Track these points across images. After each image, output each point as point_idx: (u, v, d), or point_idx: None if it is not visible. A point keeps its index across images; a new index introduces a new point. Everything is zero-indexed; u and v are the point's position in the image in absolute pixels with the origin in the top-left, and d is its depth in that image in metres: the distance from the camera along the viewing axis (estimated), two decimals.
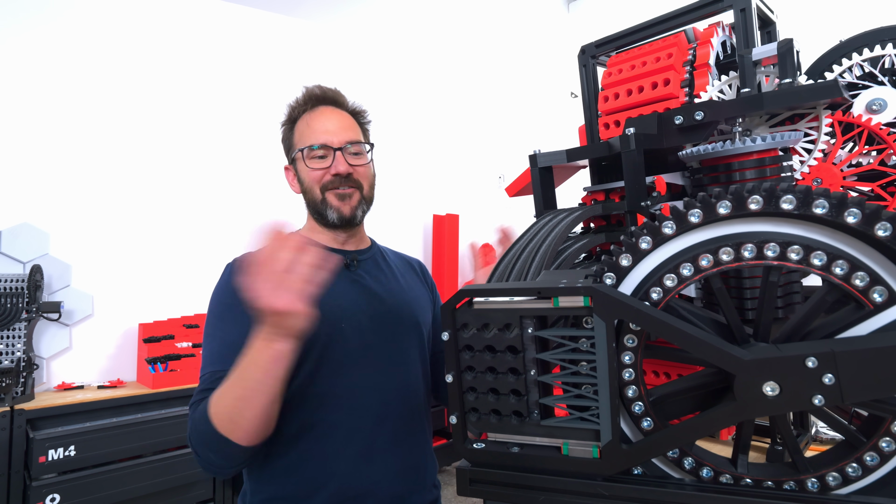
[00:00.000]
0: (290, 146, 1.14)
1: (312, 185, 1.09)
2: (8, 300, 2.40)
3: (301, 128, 1.12)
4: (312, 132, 1.10)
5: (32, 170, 2.69)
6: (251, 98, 3.35)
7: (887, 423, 0.51)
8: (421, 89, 4.23)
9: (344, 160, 1.08)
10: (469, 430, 0.62)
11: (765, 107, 0.69)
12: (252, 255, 0.80)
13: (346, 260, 1.11)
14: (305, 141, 1.09)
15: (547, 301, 0.56)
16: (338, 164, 1.07)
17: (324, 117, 1.12)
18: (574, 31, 5.04)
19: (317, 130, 1.10)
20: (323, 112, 1.13)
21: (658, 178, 0.84)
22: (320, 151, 1.08)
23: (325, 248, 1.10)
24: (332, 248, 1.12)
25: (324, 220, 1.10)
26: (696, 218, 0.55)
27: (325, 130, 1.09)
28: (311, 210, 1.13)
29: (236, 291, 0.96)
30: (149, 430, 2.36)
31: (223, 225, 3.20)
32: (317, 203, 1.10)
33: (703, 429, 0.54)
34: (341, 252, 1.12)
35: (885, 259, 0.50)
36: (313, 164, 1.08)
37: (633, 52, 0.93)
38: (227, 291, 1.02)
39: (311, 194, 1.10)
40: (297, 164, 1.12)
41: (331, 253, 1.01)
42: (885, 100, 0.76)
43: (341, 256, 1.10)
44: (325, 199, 1.09)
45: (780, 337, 0.54)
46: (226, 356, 0.94)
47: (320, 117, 1.12)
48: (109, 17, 2.95)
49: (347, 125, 1.12)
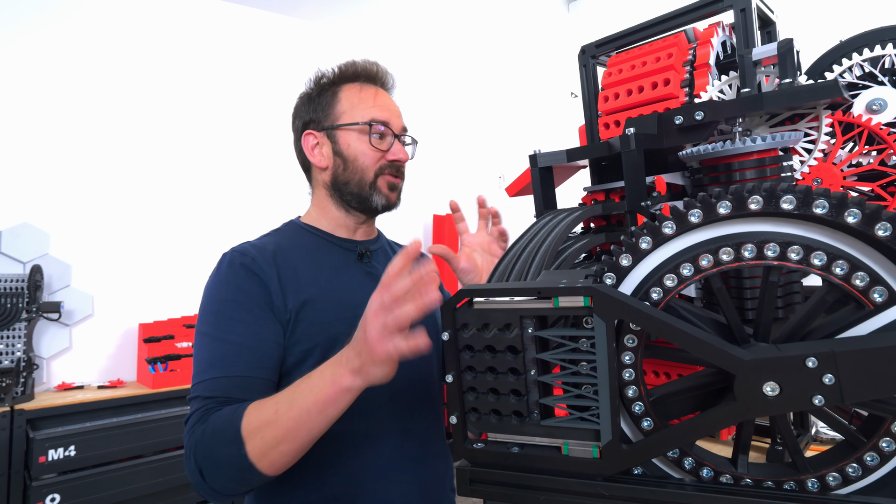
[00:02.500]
0: (331, 111, 1.02)
1: (368, 165, 0.99)
2: (8, 300, 2.40)
3: (354, 97, 1.02)
4: (376, 107, 1.00)
5: (32, 170, 2.69)
6: (252, 98, 3.35)
7: (887, 423, 0.51)
8: (421, 89, 4.23)
9: (403, 147, 1.02)
10: (469, 430, 0.62)
11: (765, 107, 0.69)
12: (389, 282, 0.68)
13: (359, 250, 1.05)
14: (366, 114, 1.00)
15: (547, 301, 0.56)
16: (398, 151, 1.01)
17: (385, 97, 1.04)
18: (574, 31, 5.04)
19: (381, 107, 1.01)
20: (383, 93, 1.05)
21: (658, 178, 0.84)
22: (383, 131, 0.99)
23: (330, 237, 1.04)
24: (343, 237, 1.06)
25: (362, 204, 1.01)
26: (696, 218, 0.55)
27: (388, 108, 1.01)
28: (343, 189, 1.01)
29: (240, 286, 0.89)
30: (149, 430, 2.36)
31: (223, 225, 3.20)
32: (364, 185, 1.00)
33: (704, 429, 0.54)
34: (348, 241, 1.06)
35: (885, 259, 0.50)
36: (377, 143, 0.99)
37: (633, 52, 0.93)
38: (228, 286, 0.91)
39: (358, 174, 1.00)
40: (339, 135, 1.01)
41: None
42: (886, 100, 0.76)
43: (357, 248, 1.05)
44: (377, 185, 1.00)
45: (780, 337, 0.54)
46: (229, 360, 0.84)
47: (383, 96, 1.04)
48: (110, 17, 2.95)
49: (400, 112, 1.06)
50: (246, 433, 0.74)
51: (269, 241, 0.99)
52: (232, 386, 0.84)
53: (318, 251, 1.01)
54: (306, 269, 0.96)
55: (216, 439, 0.77)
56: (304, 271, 0.96)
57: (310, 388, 0.73)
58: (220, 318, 0.89)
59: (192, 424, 0.82)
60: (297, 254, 0.98)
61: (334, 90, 1.04)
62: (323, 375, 0.73)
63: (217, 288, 0.92)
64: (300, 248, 1.00)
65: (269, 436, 0.74)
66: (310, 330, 0.91)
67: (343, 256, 1.03)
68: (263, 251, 0.95)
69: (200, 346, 0.89)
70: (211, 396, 0.83)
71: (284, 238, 1.02)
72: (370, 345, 0.67)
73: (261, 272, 0.91)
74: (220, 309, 0.90)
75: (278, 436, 0.73)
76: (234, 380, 0.84)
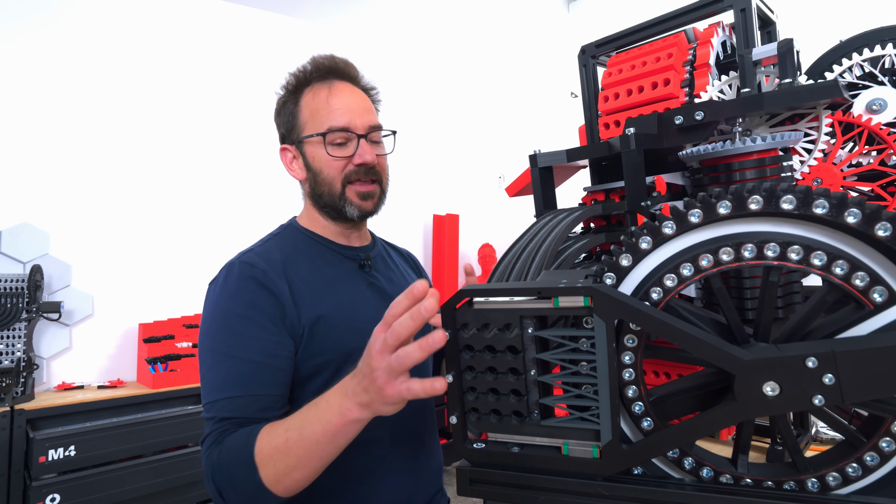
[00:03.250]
0: (296, 123, 0.99)
1: (333, 176, 0.96)
2: (8, 300, 2.40)
3: (312, 104, 0.97)
4: (332, 112, 0.95)
5: (32, 170, 2.69)
6: (251, 98, 3.35)
7: (887, 423, 0.51)
8: (421, 89, 4.23)
9: (370, 149, 0.96)
10: (469, 430, 0.62)
11: (765, 107, 0.69)
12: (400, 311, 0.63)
13: (360, 260, 1.03)
14: (323, 122, 0.95)
15: (547, 301, 0.56)
16: (364, 153, 0.95)
17: (343, 94, 0.97)
18: (574, 31, 5.04)
19: (337, 110, 0.95)
20: (341, 89, 0.98)
21: (658, 178, 0.84)
22: (341, 136, 0.95)
23: (330, 244, 1.02)
24: (338, 242, 1.02)
25: (339, 215, 0.99)
26: (696, 218, 0.55)
27: (347, 110, 0.95)
28: (319, 202, 0.99)
29: (253, 301, 0.87)
30: (149, 430, 2.36)
31: (223, 225, 3.20)
32: (334, 197, 0.97)
33: (703, 429, 0.54)
34: (347, 248, 1.03)
35: (885, 259, 0.50)
36: (334, 152, 0.95)
37: (633, 52, 0.93)
38: (239, 300, 0.87)
39: (326, 186, 0.97)
40: (306, 148, 0.98)
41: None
42: (885, 100, 0.76)
43: (356, 255, 1.03)
44: (345, 196, 0.96)
45: (780, 337, 0.54)
46: (246, 378, 0.83)
47: (339, 94, 0.97)
48: (110, 17, 2.95)
49: (367, 107, 1.00)
50: (259, 460, 0.74)
51: (273, 249, 0.96)
52: (250, 406, 0.82)
53: (320, 260, 0.99)
54: (314, 282, 0.95)
55: (231, 463, 0.76)
56: (312, 284, 0.94)
57: (318, 418, 0.72)
58: (232, 334, 0.86)
59: (208, 445, 0.81)
60: (303, 264, 0.96)
61: (296, 98, 1.00)
62: (330, 406, 0.71)
63: (226, 301, 0.88)
64: (304, 257, 0.98)
65: (282, 464, 0.73)
66: (324, 345, 0.91)
67: (345, 266, 1.01)
68: (272, 262, 0.92)
69: (212, 362, 0.86)
70: (228, 417, 0.81)
71: (287, 245, 0.99)
72: (379, 387, 0.65)
73: (272, 286, 0.89)
74: (231, 325, 0.86)
75: (290, 464, 0.73)
76: (252, 399, 0.83)
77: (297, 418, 0.75)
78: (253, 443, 0.75)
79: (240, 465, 0.75)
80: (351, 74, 1.02)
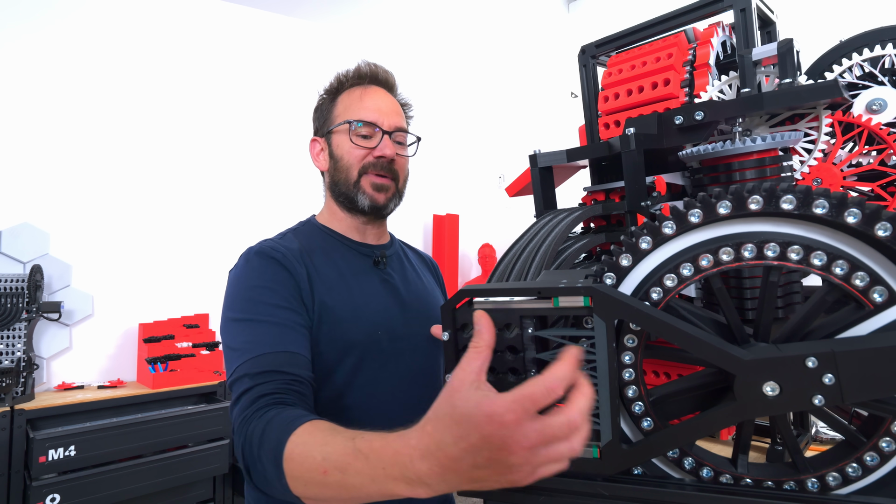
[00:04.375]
0: (329, 117, 1.07)
1: (352, 163, 1.02)
2: (8, 300, 2.40)
3: (347, 100, 1.05)
4: (363, 107, 1.03)
5: (32, 170, 2.69)
6: (252, 98, 3.35)
7: (887, 423, 0.51)
8: (421, 89, 4.23)
9: (391, 144, 1.02)
10: None
11: (765, 107, 0.69)
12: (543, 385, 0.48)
13: (375, 257, 1.06)
14: (353, 114, 1.03)
15: (547, 301, 0.56)
16: (384, 147, 1.01)
17: (377, 95, 1.06)
18: (574, 31, 5.04)
19: (368, 107, 1.03)
20: (376, 91, 1.07)
21: (658, 178, 0.84)
22: (367, 130, 1.02)
23: (346, 240, 1.05)
24: (354, 239, 1.06)
25: (352, 204, 1.03)
26: (696, 218, 0.55)
27: (377, 108, 1.03)
28: (335, 191, 1.05)
29: (274, 276, 0.90)
30: (149, 430, 2.36)
31: (223, 225, 3.21)
32: (349, 184, 1.02)
33: (703, 429, 0.54)
34: (363, 245, 1.06)
35: (885, 259, 0.50)
36: (358, 142, 1.01)
37: (633, 53, 0.93)
38: (260, 274, 0.91)
39: (345, 173, 1.03)
40: (332, 138, 1.05)
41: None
42: (885, 100, 0.76)
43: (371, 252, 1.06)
44: (360, 184, 1.02)
45: (780, 337, 0.54)
46: (273, 337, 0.83)
47: (373, 95, 1.06)
48: (110, 17, 2.95)
49: (398, 110, 1.08)
50: (289, 471, 0.66)
51: (291, 240, 1.01)
52: (280, 361, 0.81)
53: (335, 253, 1.03)
54: (327, 273, 0.98)
55: (262, 453, 0.69)
56: (325, 275, 0.97)
57: (372, 476, 0.56)
58: (254, 303, 0.87)
59: (241, 411, 0.76)
60: (318, 256, 0.99)
61: (334, 97, 1.08)
62: (387, 472, 0.55)
63: (247, 277, 0.91)
64: (319, 251, 1.01)
65: (313, 491, 0.65)
66: (330, 335, 0.93)
67: (360, 261, 1.04)
68: (291, 250, 0.97)
69: (236, 331, 0.86)
70: (260, 371, 0.79)
71: (303, 237, 1.03)
72: (513, 481, 0.50)
73: (291, 267, 0.93)
74: (252, 295, 0.88)
75: (322, 495, 0.64)
76: (282, 355, 0.82)
77: (341, 454, 0.61)
78: (284, 444, 0.67)
79: (270, 460, 0.68)
80: (390, 83, 1.10)
